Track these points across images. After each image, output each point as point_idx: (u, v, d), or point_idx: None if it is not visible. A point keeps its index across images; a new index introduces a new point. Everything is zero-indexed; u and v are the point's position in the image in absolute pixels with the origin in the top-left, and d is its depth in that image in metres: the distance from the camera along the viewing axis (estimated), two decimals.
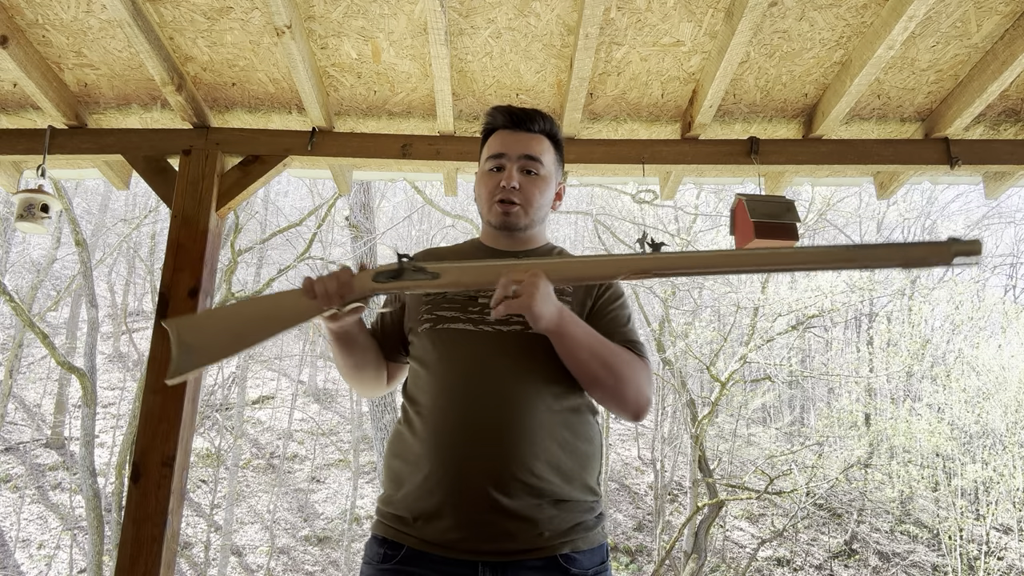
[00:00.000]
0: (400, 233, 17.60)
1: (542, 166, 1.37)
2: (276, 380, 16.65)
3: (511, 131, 1.39)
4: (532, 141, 1.38)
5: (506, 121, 1.40)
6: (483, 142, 1.45)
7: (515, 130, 1.39)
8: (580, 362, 1.22)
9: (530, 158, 1.36)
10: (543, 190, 1.38)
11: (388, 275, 1.21)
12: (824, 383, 16.59)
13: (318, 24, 2.12)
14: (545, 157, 1.38)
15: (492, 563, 1.15)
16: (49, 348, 7.65)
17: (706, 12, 2.06)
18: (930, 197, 16.39)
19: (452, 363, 1.25)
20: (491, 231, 1.42)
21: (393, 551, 1.20)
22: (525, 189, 1.36)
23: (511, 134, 1.38)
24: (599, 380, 1.24)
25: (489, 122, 1.43)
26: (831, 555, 13.43)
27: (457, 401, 1.21)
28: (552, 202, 1.43)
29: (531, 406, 1.21)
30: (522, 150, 1.36)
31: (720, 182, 2.84)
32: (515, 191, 1.34)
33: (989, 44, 2.14)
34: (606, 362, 1.23)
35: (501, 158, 1.37)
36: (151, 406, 2.14)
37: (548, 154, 1.39)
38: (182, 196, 2.31)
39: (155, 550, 2.04)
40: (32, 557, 11.29)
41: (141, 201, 15.42)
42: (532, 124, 1.39)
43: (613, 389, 1.24)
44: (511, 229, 1.38)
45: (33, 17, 2.11)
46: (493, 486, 1.15)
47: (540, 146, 1.38)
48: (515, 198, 1.35)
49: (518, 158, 1.36)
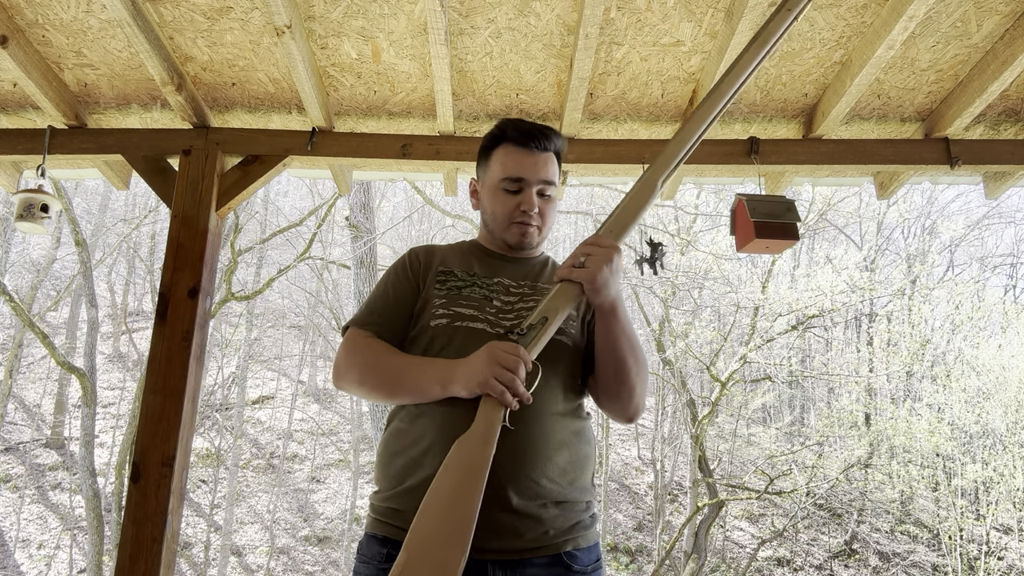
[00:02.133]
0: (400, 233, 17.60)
1: (555, 187, 1.40)
2: (276, 380, 16.66)
3: (527, 152, 1.36)
4: (549, 164, 1.38)
5: (520, 138, 1.37)
6: (489, 149, 1.42)
7: (530, 150, 1.36)
8: (618, 349, 1.24)
9: (547, 182, 1.38)
10: (555, 208, 1.43)
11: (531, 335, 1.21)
12: (824, 383, 16.59)
13: (318, 24, 2.12)
14: (556, 177, 1.41)
15: (500, 561, 1.16)
16: (49, 348, 7.65)
17: (706, 12, 2.06)
18: (930, 197, 16.40)
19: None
20: (494, 239, 1.44)
21: (397, 551, 1.17)
22: (544, 212, 1.39)
23: (528, 155, 1.36)
24: (625, 372, 1.25)
25: (501, 136, 1.40)
26: (831, 555, 13.44)
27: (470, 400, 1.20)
28: None
29: (544, 408, 1.22)
30: (541, 175, 1.36)
31: (720, 182, 2.84)
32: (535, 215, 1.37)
33: (989, 44, 2.13)
34: (636, 356, 1.26)
35: (521, 182, 1.36)
36: (151, 406, 2.14)
37: (556, 172, 1.42)
38: (182, 196, 2.31)
39: (155, 550, 2.04)
40: (32, 557, 11.29)
41: (141, 201, 15.44)
42: (548, 144, 1.38)
43: (632, 385, 1.27)
44: (525, 248, 1.41)
45: (33, 17, 2.11)
46: (509, 485, 1.16)
47: (554, 168, 1.40)
48: (535, 222, 1.38)
49: (537, 182, 1.36)
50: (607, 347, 1.25)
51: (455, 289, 1.33)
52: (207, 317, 2.29)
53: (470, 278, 1.36)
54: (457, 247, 1.47)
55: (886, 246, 16.76)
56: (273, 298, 17.27)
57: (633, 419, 1.31)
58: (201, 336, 2.25)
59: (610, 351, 1.24)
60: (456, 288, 1.33)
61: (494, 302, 1.31)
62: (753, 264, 11.82)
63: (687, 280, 11.31)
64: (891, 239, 17.08)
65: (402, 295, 1.37)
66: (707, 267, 10.98)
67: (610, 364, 1.25)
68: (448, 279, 1.35)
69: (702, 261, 10.92)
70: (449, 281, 1.35)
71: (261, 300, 15.94)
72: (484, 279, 1.36)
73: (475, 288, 1.34)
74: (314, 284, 14.50)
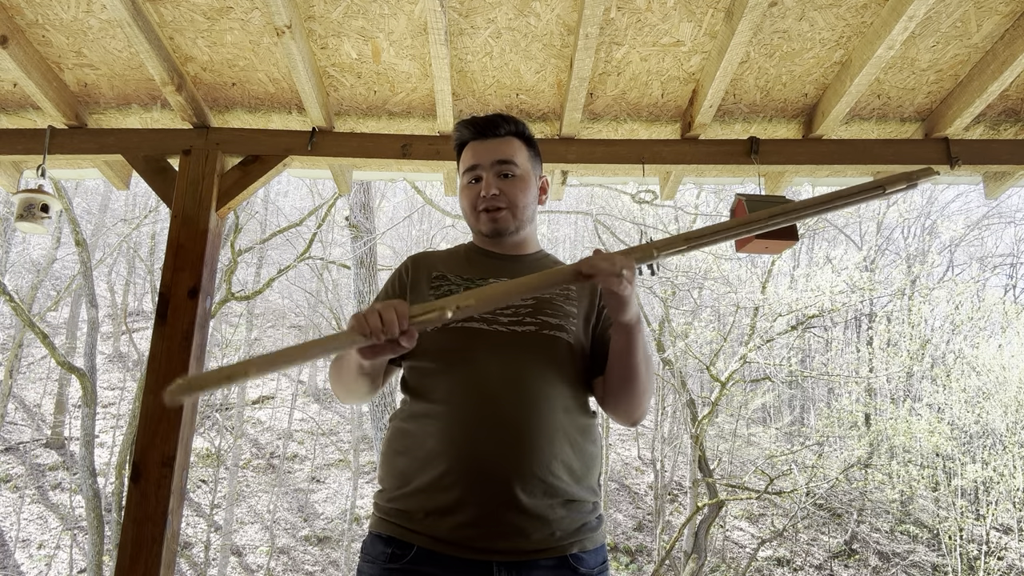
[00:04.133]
0: (400, 233, 17.60)
1: (517, 167, 1.39)
2: (276, 380, 16.65)
3: (479, 141, 1.41)
4: (502, 145, 1.39)
5: (472, 133, 1.41)
6: (457, 159, 1.46)
7: (483, 139, 1.40)
8: (634, 363, 1.23)
9: (503, 162, 1.38)
10: (524, 189, 1.39)
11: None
12: (824, 383, 16.59)
13: (318, 24, 2.12)
14: (518, 157, 1.40)
15: (507, 563, 1.15)
16: (49, 348, 7.65)
17: (706, 12, 2.06)
18: (930, 197, 16.40)
19: (468, 360, 1.25)
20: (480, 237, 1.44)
21: (402, 550, 1.18)
22: (507, 192, 1.37)
23: (480, 144, 1.40)
24: (636, 382, 1.25)
25: (457, 138, 1.45)
26: (831, 555, 13.44)
27: (474, 398, 1.20)
28: (537, 198, 1.45)
29: (548, 405, 1.22)
30: (493, 156, 1.38)
31: (720, 182, 2.84)
32: (496, 197, 1.36)
33: (989, 44, 2.14)
34: (649, 367, 1.26)
35: (476, 169, 1.39)
36: (151, 406, 2.14)
37: (521, 153, 1.41)
38: (182, 196, 2.31)
39: (155, 550, 2.04)
40: (32, 557, 11.29)
41: (141, 201, 15.43)
42: (497, 129, 1.40)
43: (640, 393, 1.26)
44: (502, 235, 1.39)
45: (33, 17, 2.11)
46: (516, 483, 1.15)
47: (510, 148, 1.40)
48: (499, 203, 1.37)
49: (491, 165, 1.37)
50: (623, 360, 1.24)
51: (448, 293, 1.33)
52: (207, 317, 2.29)
53: (463, 281, 1.36)
54: (454, 251, 1.48)
55: (886, 246, 16.77)
56: (273, 298, 17.29)
57: (637, 423, 1.31)
58: (201, 336, 2.25)
59: (625, 363, 1.24)
60: (449, 292, 1.33)
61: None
62: (753, 264, 11.82)
63: (687, 280, 11.32)
64: (891, 239, 17.09)
65: None
66: (707, 267, 10.98)
67: (623, 374, 1.25)
68: (442, 284, 1.36)
69: (702, 261, 10.92)
70: (443, 286, 1.35)
71: (261, 300, 15.97)
72: (478, 281, 1.36)
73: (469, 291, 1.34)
74: (314, 284, 14.51)
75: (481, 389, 1.21)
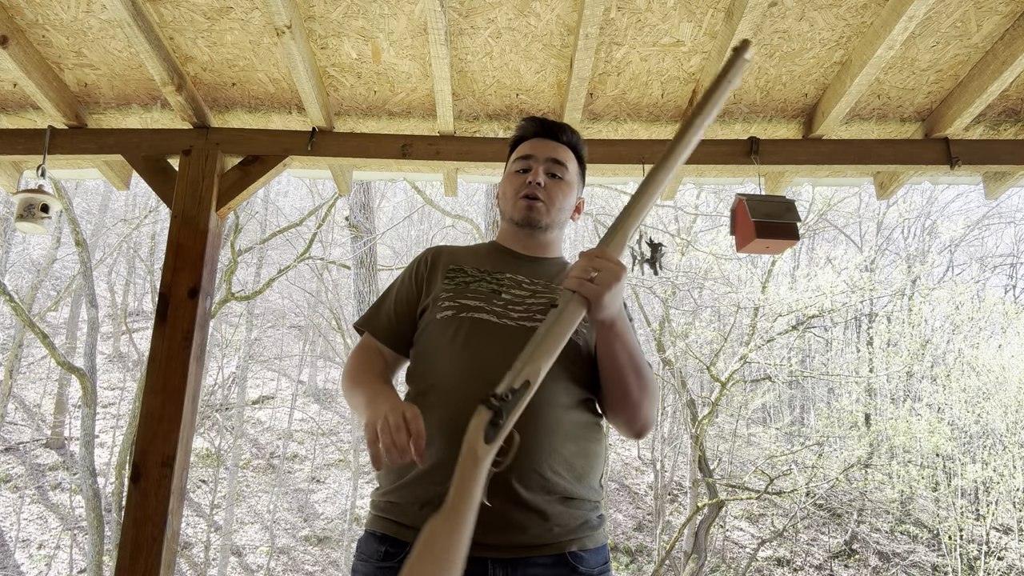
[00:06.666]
0: (400, 233, 17.60)
1: (567, 171, 1.45)
2: (276, 380, 16.65)
3: (541, 139, 1.47)
4: (560, 149, 1.46)
5: (537, 129, 1.48)
6: (511, 149, 1.52)
7: (544, 138, 1.47)
8: (618, 366, 1.22)
9: (556, 162, 1.44)
10: (566, 193, 1.44)
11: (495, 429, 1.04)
12: (824, 383, 16.58)
13: (318, 24, 2.12)
14: (570, 165, 1.46)
15: (502, 559, 1.14)
16: (49, 348, 7.65)
17: (706, 12, 2.06)
18: (930, 197, 16.41)
19: (474, 352, 1.24)
20: (510, 230, 1.46)
21: (395, 549, 1.18)
22: (549, 189, 1.42)
23: (540, 142, 1.46)
24: (627, 389, 1.23)
25: (521, 129, 1.50)
26: (831, 555, 13.44)
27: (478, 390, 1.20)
28: (572, 211, 1.49)
29: (552, 401, 1.21)
30: (549, 154, 1.44)
31: (720, 182, 2.84)
32: (540, 187, 1.41)
33: (989, 44, 2.14)
34: (639, 372, 1.24)
35: (529, 159, 1.44)
36: (151, 406, 2.14)
37: (572, 164, 1.47)
38: (182, 196, 2.32)
39: (155, 550, 2.04)
40: (32, 557, 11.29)
41: (141, 201, 15.44)
42: (561, 135, 1.47)
43: (636, 401, 1.24)
44: (533, 226, 1.42)
45: (33, 17, 2.11)
46: (513, 477, 1.14)
47: (566, 154, 1.46)
48: (539, 194, 1.41)
49: (545, 160, 1.43)
50: (606, 361, 1.23)
51: (463, 284, 1.33)
52: (207, 317, 2.29)
53: (480, 274, 1.36)
54: (475, 247, 1.49)
55: (886, 246, 16.77)
56: (273, 298, 17.29)
57: (641, 435, 1.28)
58: (201, 336, 2.25)
59: (612, 368, 1.23)
60: (464, 283, 1.34)
61: (503, 295, 1.31)
62: (753, 264, 11.83)
63: (687, 280, 11.32)
64: (891, 239, 17.10)
65: (403, 297, 1.42)
66: (707, 267, 10.98)
67: (610, 377, 1.24)
68: (457, 275, 1.36)
69: (702, 261, 10.93)
70: (458, 277, 1.36)
71: (261, 300, 15.96)
72: (495, 274, 1.36)
73: (483, 283, 1.34)
74: (314, 284, 14.51)
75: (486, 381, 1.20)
